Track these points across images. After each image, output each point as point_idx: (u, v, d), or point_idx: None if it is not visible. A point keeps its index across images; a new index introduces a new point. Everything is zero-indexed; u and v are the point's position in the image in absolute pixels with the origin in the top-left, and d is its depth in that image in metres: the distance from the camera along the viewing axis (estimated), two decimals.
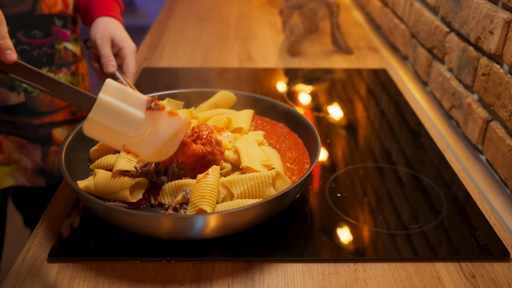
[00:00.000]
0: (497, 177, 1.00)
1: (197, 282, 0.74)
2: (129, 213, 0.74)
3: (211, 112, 1.03)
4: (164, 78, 1.43)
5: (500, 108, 0.97)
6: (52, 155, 1.15)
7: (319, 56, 1.63)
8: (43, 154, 1.14)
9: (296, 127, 1.03)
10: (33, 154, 1.13)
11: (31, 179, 1.14)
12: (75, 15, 1.18)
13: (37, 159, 1.13)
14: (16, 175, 1.13)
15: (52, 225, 0.84)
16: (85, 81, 1.25)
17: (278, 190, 0.82)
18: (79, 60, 1.19)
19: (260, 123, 1.06)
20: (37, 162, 1.13)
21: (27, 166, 1.13)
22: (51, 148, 1.15)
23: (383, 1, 1.80)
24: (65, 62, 1.13)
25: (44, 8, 1.06)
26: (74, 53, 1.16)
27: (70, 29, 1.14)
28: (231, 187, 0.82)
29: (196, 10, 2.09)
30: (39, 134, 1.12)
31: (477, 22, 1.07)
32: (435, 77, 1.31)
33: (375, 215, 0.88)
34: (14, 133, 1.10)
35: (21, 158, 1.12)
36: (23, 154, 1.12)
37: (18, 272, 0.75)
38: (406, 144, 1.11)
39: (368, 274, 0.75)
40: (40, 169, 1.14)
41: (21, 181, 1.14)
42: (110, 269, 0.76)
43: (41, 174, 1.15)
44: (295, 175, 0.91)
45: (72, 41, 1.15)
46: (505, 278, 0.75)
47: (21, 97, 1.07)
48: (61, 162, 0.84)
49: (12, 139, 1.10)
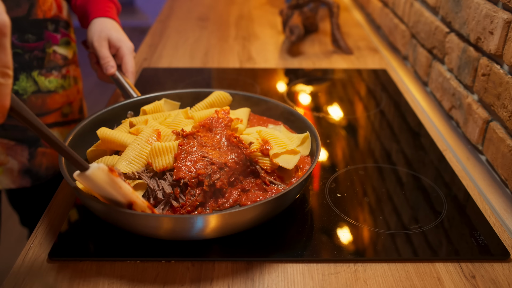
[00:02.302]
0: (497, 178, 1.00)
1: (197, 282, 0.74)
2: (130, 213, 0.74)
3: (206, 111, 1.03)
4: (164, 78, 1.43)
5: (500, 108, 0.97)
6: (40, 156, 1.14)
7: (319, 56, 1.63)
8: (30, 155, 1.13)
9: (296, 127, 1.03)
10: (20, 155, 1.12)
11: (16, 180, 1.13)
12: (68, 19, 1.18)
13: (24, 160, 1.12)
14: (0, 178, 1.12)
15: (52, 225, 0.84)
16: (78, 84, 1.24)
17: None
18: (71, 63, 1.19)
19: (256, 121, 1.06)
20: (23, 163, 1.13)
21: (13, 168, 1.12)
22: (39, 149, 1.14)
23: (383, 2, 1.80)
24: (55, 65, 1.13)
25: (39, 13, 1.06)
26: (64, 56, 1.16)
27: (61, 32, 1.14)
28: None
29: (196, 10, 2.09)
30: (27, 136, 1.12)
31: (477, 23, 1.07)
32: (435, 77, 1.31)
33: (375, 215, 0.88)
34: (3, 135, 1.09)
35: (7, 160, 1.11)
36: (10, 156, 1.11)
37: (18, 272, 0.75)
38: (406, 144, 1.11)
39: (368, 275, 0.75)
40: (26, 170, 1.14)
41: (5, 184, 1.12)
42: (110, 269, 0.76)
43: (27, 175, 1.14)
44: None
45: (62, 45, 1.15)
46: (505, 279, 0.75)
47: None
48: (61, 162, 0.84)
49: (0, 141, 1.09)
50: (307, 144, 0.95)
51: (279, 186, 0.86)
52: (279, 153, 0.88)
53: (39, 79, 1.09)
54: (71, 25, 1.20)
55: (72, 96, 1.21)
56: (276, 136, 0.91)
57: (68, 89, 1.18)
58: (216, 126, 0.92)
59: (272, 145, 0.88)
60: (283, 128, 1.01)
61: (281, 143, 0.90)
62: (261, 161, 0.87)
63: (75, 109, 1.23)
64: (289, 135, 0.97)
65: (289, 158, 0.88)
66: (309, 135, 0.95)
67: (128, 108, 1.04)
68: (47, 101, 1.12)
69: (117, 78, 1.06)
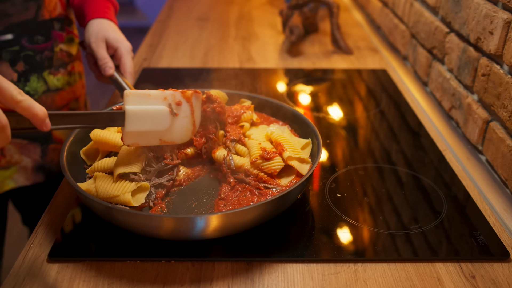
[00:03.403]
0: (497, 178, 1.00)
1: (197, 282, 0.74)
2: (132, 214, 0.74)
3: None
4: (164, 78, 1.43)
5: (500, 108, 0.97)
6: (51, 152, 1.16)
7: (319, 56, 1.63)
8: (42, 152, 1.14)
9: (296, 127, 1.03)
10: (33, 153, 1.13)
11: (30, 177, 1.15)
12: (71, 16, 1.19)
13: (36, 157, 1.14)
14: (16, 177, 1.13)
15: (52, 225, 0.84)
16: (82, 79, 1.26)
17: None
18: (75, 60, 1.20)
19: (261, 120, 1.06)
20: (36, 160, 1.14)
21: (27, 166, 1.14)
22: (50, 146, 1.16)
23: (383, 2, 1.80)
24: (62, 63, 1.15)
25: (46, 14, 1.07)
26: (69, 53, 1.17)
27: (66, 30, 1.15)
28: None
29: (196, 10, 2.09)
30: (39, 134, 1.13)
31: (477, 23, 1.07)
32: (435, 77, 1.31)
33: (375, 215, 0.88)
34: (16, 135, 1.10)
35: (21, 159, 1.12)
36: (24, 155, 1.12)
37: (18, 272, 0.75)
38: (406, 144, 1.11)
39: (368, 275, 0.76)
40: (40, 166, 1.15)
41: (20, 181, 1.14)
42: (110, 269, 0.76)
43: (40, 171, 1.16)
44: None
45: (67, 42, 1.16)
46: (505, 279, 0.76)
47: None
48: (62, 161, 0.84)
49: (13, 141, 1.10)
50: (308, 150, 0.95)
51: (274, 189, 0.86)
52: (293, 157, 0.89)
53: (48, 78, 1.11)
54: (73, 21, 1.21)
55: (78, 91, 1.23)
56: (288, 140, 0.93)
57: (74, 85, 1.20)
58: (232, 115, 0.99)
59: (286, 147, 0.90)
60: (287, 130, 1.02)
61: (293, 148, 0.91)
62: (266, 166, 0.88)
63: (81, 104, 1.26)
64: (293, 138, 0.98)
65: (300, 166, 0.89)
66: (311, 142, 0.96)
67: None
68: (56, 99, 1.14)
69: (116, 79, 1.06)
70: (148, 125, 0.84)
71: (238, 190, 0.86)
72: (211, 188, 0.89)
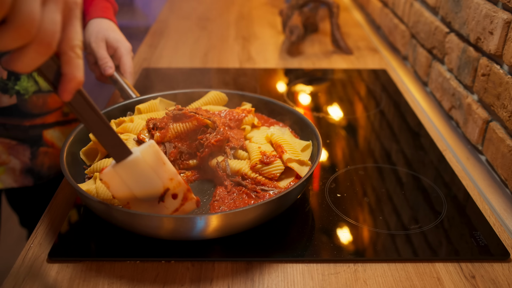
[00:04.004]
0: (497, 178, 1.00)
1: (197, 282, 0.74)
2: (132, 214, 0.74)
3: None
4: (164, 78, 1.43)
5: (500, 108, 0.97)
6: (41, 155, 1.14)
7: (319, 56, 1.63)
8: (32, 154, 1.13)
9: (296, 128, 1.03)
10: (22, 155, 1.12)
11: (18, 179, 1.13)
12: None
13: (25, 159, 1.12)
14: (3, 178, 1.12)
15: (52, 225, 0.84)
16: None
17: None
18: None
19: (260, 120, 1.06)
20: (25, 163, 1.13)
21: (15, 167, 1.12)
22: (41, 149, 1.14)
23: (383, 2, 1.80)
24: None
25: None
26: None
27: None
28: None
29: (196, 10, 2.09)
30: (29, 135, 1.11)
31: (477, 23, 1.07)
32: (435, 77, 1.31)
33: (375, 215, 0.88)
34: (4, 134, 1.09)
35: (9, 159, 1.11)
36: (12, 155, 1.11)
37: (17, 272, 0.75)
38: (406, 144, 1.11)
39: (368, 275, 0.75)
40: (28, 169, 1.14)
41: (8, 183, 1.13)
42: (110, 269, 0.76)
43: (29, 174, 1.14)
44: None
45: None
46: (505, 279, 0.76)
47: (13, 99, 1.06)
48: (62, 162, 0.84)
49: (2, 141, 1.09)
50: (308, 152, 0.95)
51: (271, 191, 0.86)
52: (292, 159, 0.89)
53: (39, 78, 1.09)
54: None
55: None
56: (289, 142, 0.93)
57: None
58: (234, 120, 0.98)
59: (286, 149, 0.90)
60: (288, 131, 1.01)
61: (293, 150, 0.91)
62: (266, 171, 0.88)
63: None
64: (293, 140, 0.97)
65: (300, 168, 0.89)
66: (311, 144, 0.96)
67: (127, 109, 1.04)
68: (47, 101, 1.12)
69: (116, 79, 1.06)
70: (135, 184, 0.72)
71: (234, 193, 0.86)
72: (210, 189, 0.90)
